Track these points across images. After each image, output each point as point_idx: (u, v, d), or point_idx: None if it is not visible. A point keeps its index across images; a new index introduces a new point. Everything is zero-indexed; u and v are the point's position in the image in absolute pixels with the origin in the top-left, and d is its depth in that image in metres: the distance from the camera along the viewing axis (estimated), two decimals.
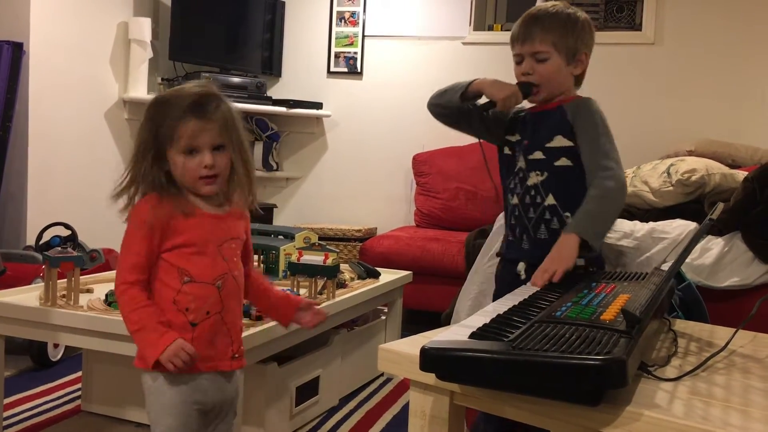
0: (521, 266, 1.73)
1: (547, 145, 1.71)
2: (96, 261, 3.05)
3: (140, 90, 3.87)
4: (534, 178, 1.71)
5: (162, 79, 4.17)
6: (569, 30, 1.71)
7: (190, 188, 1.40)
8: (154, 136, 1.37)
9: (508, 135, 1.81)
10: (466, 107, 1.76)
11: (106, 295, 2.01)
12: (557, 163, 1.70)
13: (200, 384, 1.40)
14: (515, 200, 1.75)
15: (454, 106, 1.76)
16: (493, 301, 1.83)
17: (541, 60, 1.70)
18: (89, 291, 2.18)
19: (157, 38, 4.09)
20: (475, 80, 1.74)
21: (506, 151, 1.82)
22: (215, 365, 1.42)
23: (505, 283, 1.77)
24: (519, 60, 1.74)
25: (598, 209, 1.60)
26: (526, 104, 1.78)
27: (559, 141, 1.70)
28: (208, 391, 1.41)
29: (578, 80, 1.77)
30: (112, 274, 2.55)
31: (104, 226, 3.67)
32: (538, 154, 1.72)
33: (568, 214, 1.66)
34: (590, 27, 1.76)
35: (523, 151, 1.75)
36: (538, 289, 1.37)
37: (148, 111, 1.41)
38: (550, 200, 1.69)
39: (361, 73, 4.39)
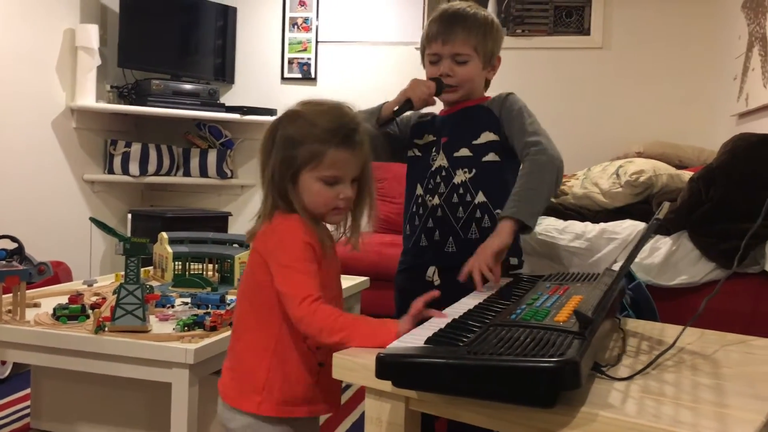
0: (431, 271, 1.68)
1: (474, 142, 1.67)
2: (45, 274, 2.97)
3: (88, 98, 3.79)
4: (461, 176, 1.66)
5: (111, 87, 4.09)
6: (488, 33, 1.69)
7: (316, 214, 1.28)
8: (293, 155, 1.24)
9: (415, 139, 1.77)
10: (387, 132, 1.71)
11: (54, 309, 1.95)
12: (485, 159, 1.66)
13: (301, 427, 1.29)
14: (436, 200, 1.68)
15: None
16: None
17: (462, 62, 1.67)
18: (36, 305, 2.12)
19: (106, 45, 4.01)
20: (384, 103, 1.70)
21: (412, 153, 1.77)
22: (325, 408, 1.32)
23: (413, 294, 1.42)
24: (436, 60, 1.69)
25: (531, 185, 1.52)
26: (431, 108, 1.75)
27: (486, 136, 1.67)
28: None
29: (487, 84, 1.78)
30: (60, 287, 2.48)
31: (52, 239, 3.59)
32: (464, 152, 1.68)
33: (499, 211, 1.55)
34: (501, 30, 1.77)
35: (444, 148, 1.70)
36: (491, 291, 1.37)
37: (286, 126, 1.27)
38: (481, 198, 1.65)
39: (315, 79, 4.37)
